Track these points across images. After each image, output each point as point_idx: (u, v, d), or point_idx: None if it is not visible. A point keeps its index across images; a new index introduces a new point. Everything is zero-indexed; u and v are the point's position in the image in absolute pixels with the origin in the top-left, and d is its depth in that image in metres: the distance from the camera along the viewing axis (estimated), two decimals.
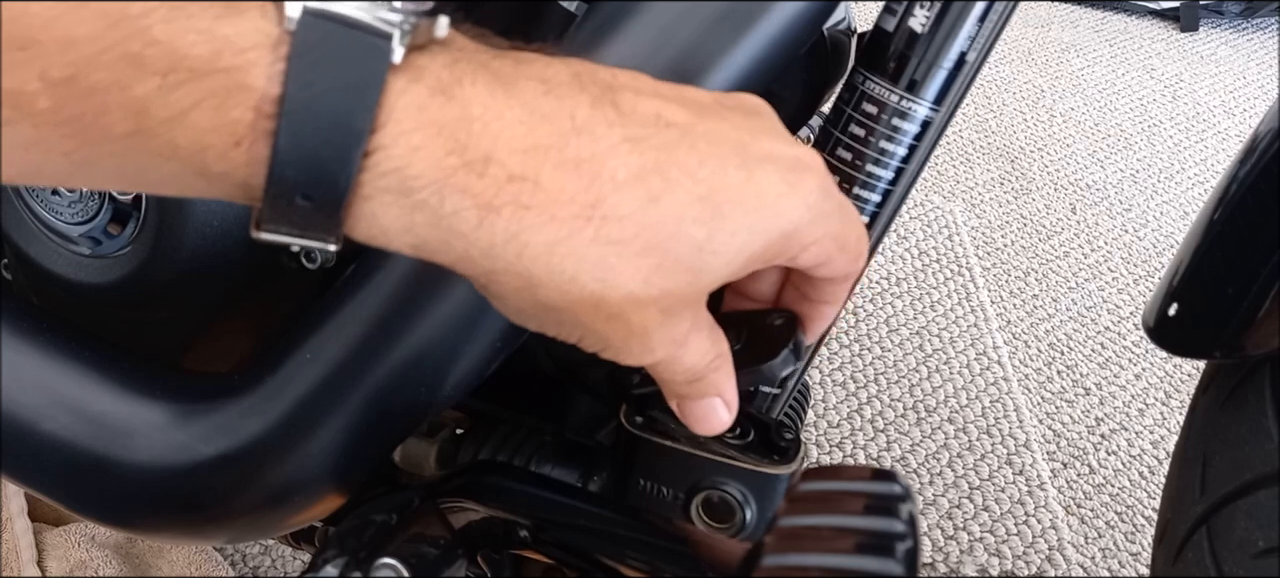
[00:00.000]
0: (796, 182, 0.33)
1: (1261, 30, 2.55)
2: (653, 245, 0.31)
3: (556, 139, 0.29)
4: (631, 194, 0.30)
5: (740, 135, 0.33)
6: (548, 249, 0.30)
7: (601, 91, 0.31)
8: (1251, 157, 0.50)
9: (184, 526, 0.46)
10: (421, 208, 0.29)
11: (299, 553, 0.99)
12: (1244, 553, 0.47)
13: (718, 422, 0.38)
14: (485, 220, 0.29)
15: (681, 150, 0.31)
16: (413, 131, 0.28)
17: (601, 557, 0.45)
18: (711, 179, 0.31)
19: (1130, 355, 1.43)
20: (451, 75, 0.29)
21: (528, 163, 0.29)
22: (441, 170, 0.28)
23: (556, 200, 0.29)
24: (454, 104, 0.28)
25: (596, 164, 0.30)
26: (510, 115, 0.29)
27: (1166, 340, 0.53)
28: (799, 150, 0.34)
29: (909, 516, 0.30)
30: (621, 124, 0.31)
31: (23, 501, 0.85)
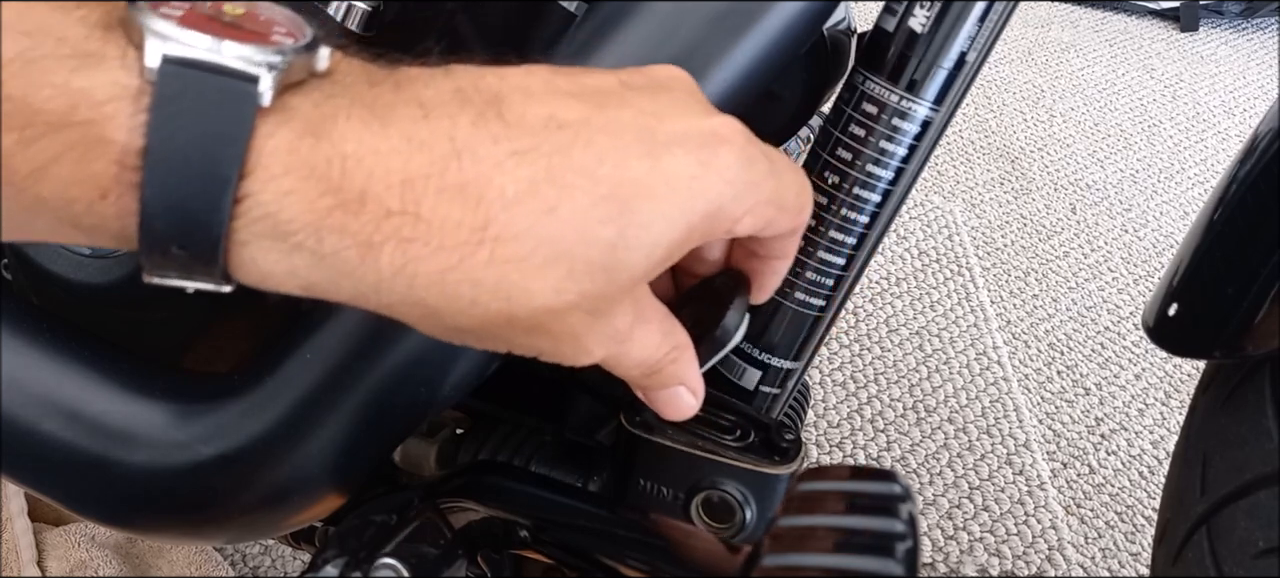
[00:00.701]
0: (710, 159, 0.32)
1: (1261, 30, 2.55)
2: (558, 255, 0.30)
3: (435, 166, 0.28)
4: (524, 209, 0.29)
5: (645, 120, 0.32)
6: (439, 278, 0.29)
7: (486, 104, 0.30)
8: (1251, 156, 0.50)
9: (184, 526, 0.46)
10: (299, 250, 0.28)
11: (299, 553, 0.99)
12: (1244, 553, 0.47)
13: (683, 409, 0.38)
14: (367, 258, 0.28)
15: (577, 151, 0.30)
16: (282, 176, 0.27)
17: (601, 557, 0.45)
18: (614, 175, 0.30)
19: (1130, 355, 1.43)
20: (323, 112, 0.28)
21: (406, 195, 0.28)
22: (315, 212, 0.27)
23: (441, 230, 0.28)
24: (325, 143, 0.27)
25: (480, 186, 0.29)
26: (384, 147, 0.28)
27: (1166, 340, 0.53)
28: (714, 122, 0.33)
29: (909, 516, 0.30)
30: (507, 137, 0.29)
31: (23, 501, 0.85)
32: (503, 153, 0.29)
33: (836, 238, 0.47)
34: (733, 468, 0.45)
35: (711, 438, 0.46)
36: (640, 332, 0.35)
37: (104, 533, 0.86)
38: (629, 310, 0.34)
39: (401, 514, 0.47)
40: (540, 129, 0.30)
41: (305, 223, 0.27)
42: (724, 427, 0.47)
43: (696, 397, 0.38)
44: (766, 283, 0.40)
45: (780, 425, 0.46)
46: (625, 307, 0.33)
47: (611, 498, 0.50)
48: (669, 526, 0.47)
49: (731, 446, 0.46)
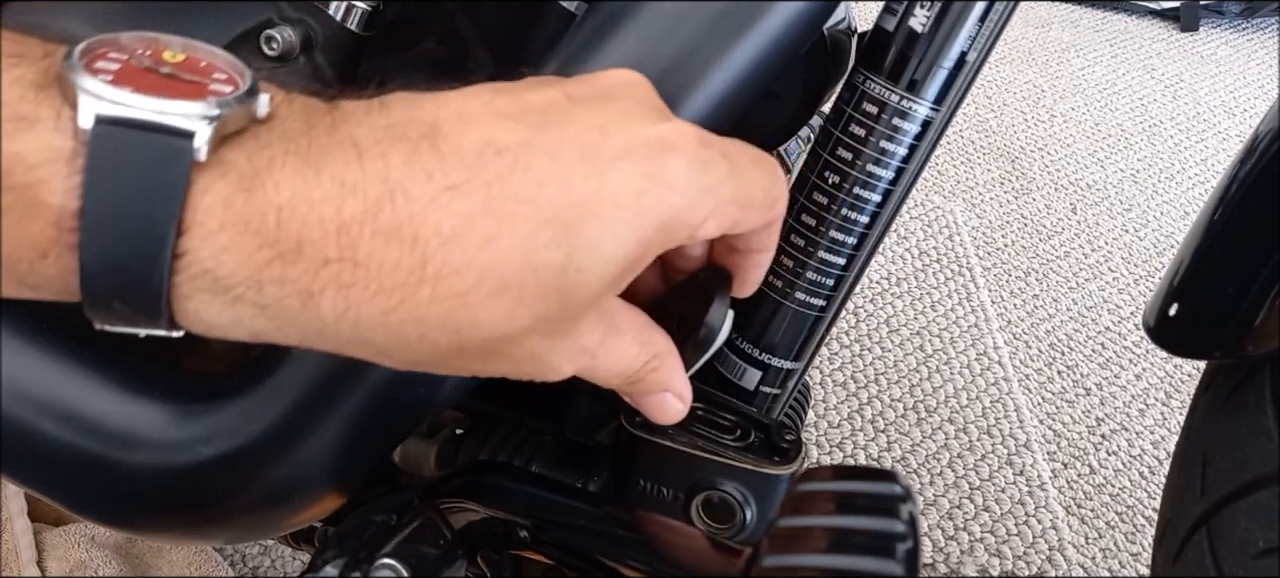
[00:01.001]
0: (659, 171, 0.31)
1: (1261, 30, 2.55)
2: (504, 284, 0.29)
3: (368, 210, 0.28)
4: (462, 244, 0.29)
5: (589, 136, 0.31)
6: (382, 319, 0.29)
7: (421, 136, 0.29)
8: (1252, 156, 0.50)
9: (184, 526, 0.46)
10: (241, 302, 0.28)
11: (299, 554, 0.99)
12: (1244, 553, 0.47)
13: (670, 414, 0.38)
14: (309, 305, 0.28)
15: (516, 178, 0.29)
16: (218, 232, 0.27)
17: (601, 557, 0.45)
18: (556, 199, 0.30)
19: (1131, 356, 1.43)
20: (257, 164, 0.28)
21: (342, 241, 0.28)
22: (253, 266, 0.27)
23: (379, 272, 0.28)
24: (259, 195, 0.27)
25: (415, 225, 0.28)
26: (317, 195, 0.28)
27: (1167, 341, 0.53)
28: (663, 129, 0.32)
29: (909, 516, 0.30)
30: (442, 171, 0.29)
31: (23, 501, 0.85)
32: (437, 188, 0.29)
33: (837, 238, 0.47)
34: (733, 468, 0.45)
35: (712, 438, 0.46)
36: (613, 344, 0.34)
37: (104, 533, 0.86)
38: (596, 326, 0.33)
39: (401, 515, 0.47)
40: (476, 158, 0.29)
41: (244, 276, 0.27)
42: (724, 427, 0.47)
43: (684, 401, 0.38)
44: (748, 277, 0.40)
45: (781, 426, 0.46)
46: (590, 323, 0.33)
47: (611, 498, 0.50)
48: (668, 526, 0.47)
49: (732, 446, 0.46)
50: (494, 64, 0.52)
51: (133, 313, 0.27)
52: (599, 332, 0.33)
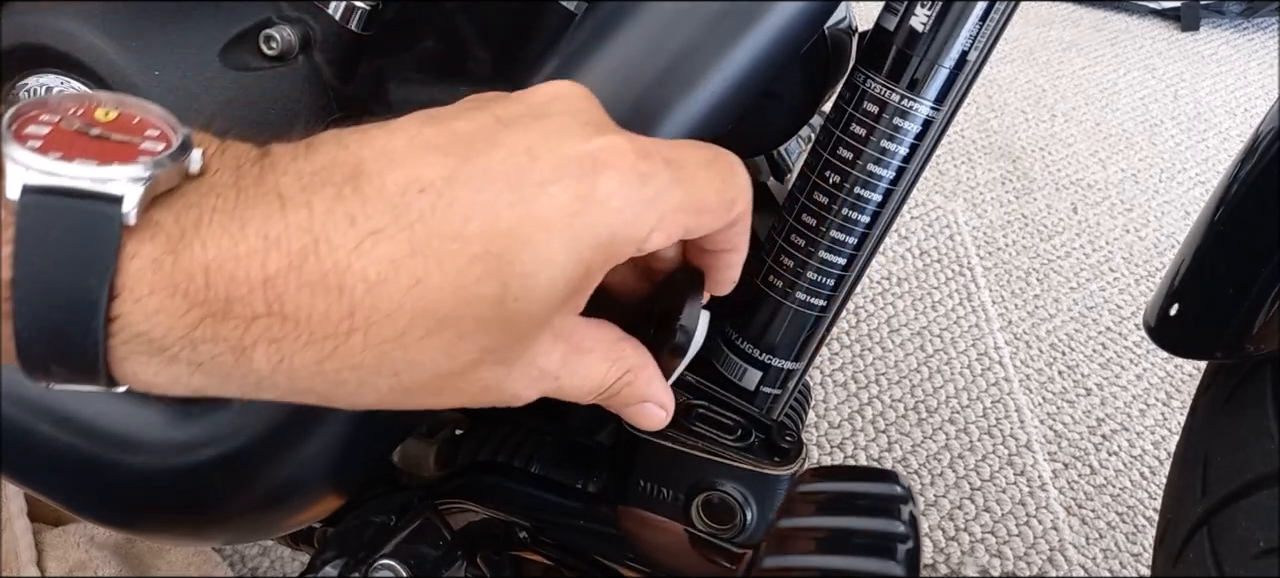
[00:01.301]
0: (590, 191, 0.30)
1: (1262, 30, 2.54)
2: (438, 323, 0.29)
3: (292, 262, 0.28)
4: (388, 289, 0.28)
5: (516, 160, 0.30)
6: (317, 368, 0.29)
7: (345, 179, 0.29)
8: (1252, 156, 0.50)
9: (183, 526, 0.46)
10: (177, 361, 0.28)
11: (298, 554, 0.99)
12: (1245, 554, 0.47)
13: (653, 422, 0.38)
14: (242, 360, 0.28)
15: (440, 215, 0.29)
16: (148, 296, 0.27)
17: (601, 558, 0.45)
18: (483, 232, 0.29)
19: (1131, 356, 1.42)
20: (185, 223, 0.27)
21: (269, 295, 0.28)
22: (185, 325, 0.27)
23: (308, 324, 0.28)
24: (186, 256, 0.27)
25: (339, 275, 0.28)
26: (242, 250, 0.27)
27: (1167, 341, 0.53)
28: (595, 145, 0.31)
29: (910, 516, 0.30)
30: (365, 215, 0.28)
31: (22, 501, 0.85)
32: (360, 234, 0.28)
33: (838, 237, 0.47)
34: (733, 469, 0.45)
35: (712, 437, 0.46)
36: (578, 364, 0.34)
37: (103, 534, 0.86)
38: (553, 348, 0.33)
39: (401, 515, 0.47)
40: (399, 198, 0.29)
41: (177, 337, 0.27)
42: (725, 426, 0.46)
43: (666, 409, 0.38)
44: (722, 277, 0.39)
45: (781, 426, 0.46)
46: (545, 346, 0.33)
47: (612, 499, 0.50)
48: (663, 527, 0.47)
49: (732, 446, 0.45)
50: (494, 64, 0.52)
51: (71, 375, 0.28)
52: (558, 353, 0.33)
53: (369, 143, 0.30)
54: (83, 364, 0.27)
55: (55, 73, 0.43)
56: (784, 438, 0.45)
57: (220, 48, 0.43)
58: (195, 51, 0.43)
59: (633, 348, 0.36)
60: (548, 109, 0.32)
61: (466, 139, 0.31)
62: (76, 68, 0.42)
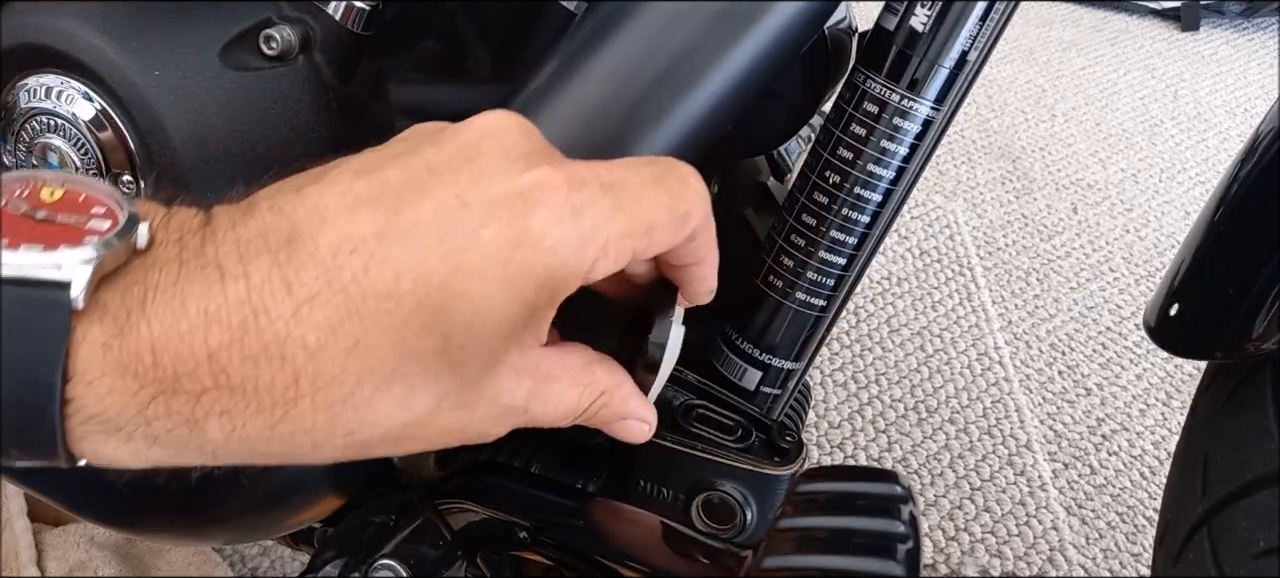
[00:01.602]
0: (522, 233, 0.30)
1: (1262, 30, 2.54)
2: (388, 380, 0.29)
3: (233, 335, 0.28)
4: (329, 354, 0.28)
5: (447, 209, 0.30)
6: (270, 433, 0.29)
7: (281, 245, 0.29)
8: (1252, 156, 0.50)
9: (183, 526, 0.46)
10: (134, 437, 0.28)
11: (298, 554, 0.99)
12: (1245, 554, 0.47)
13: (635, 436, 0.38)
14: (196, 431, 0.29)
15: (372, 275, 0.29)
16: (98, 379, 0.27)
17: (600, 558, 0.45)
18: (417, 288, 0.29)
19: (1131, 356, 1.42)
20: (130, 302, 0.28)
21: (214, 370, 0.28)
22: (137, 404, 0.28)
23: (255, 393, 0.28)
24: (132, 336, 0.27)
25: (279, 344, 0.28)
26: (185, 326, 0.28)
27: (1167, 341, 0.53)
28: (525, 181, 0.31)
29: (910, 516, 0.30)
30: (299, 282, 0.28)
31: (22, 501, 0.85)
32: (297, 302, 0.28)
33: (838, 238, 0.47)
34: (733, 469, 0.45)
35: (712, 437, 0.46)
36: (547, 394, 0.34)
37: (103, 533, 0.86)
38: (517, 385, 0.33)
39: (400, 515, 0.47)
40: (331, 261, 0.29)
41: (130, 415, 0.28)
42: (725, 427, 0.46)
43: (646, 422, 0.38)
44: (693, 289, 0.38)
45: (782, 426, 0.46)
46: (507, 384, 0.33)
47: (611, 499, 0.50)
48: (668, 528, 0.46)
49: (732, 446, 0.45)
50: (494, 64, 0.52)
51: (31, 455, 0.28)
52: (523, 388, 0.33)
53: (302, 203, 0.30)
54: (41, 447, 0.27)
55: (55, 73, 0.43)
56: (784, 438, 0.45)
57: (220, 48, 0.43)
58: (195, 51, 0.43)
59: (605, 369, 0.36)
60: (478, 148, 0.32)
61: (396, 191, 0.30)
62: (76, 68, 0.42)
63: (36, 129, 0.43)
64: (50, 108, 0.43)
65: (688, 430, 0.46)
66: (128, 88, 0.42)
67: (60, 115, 0.43)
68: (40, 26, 0.42)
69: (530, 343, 0.33)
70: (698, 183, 0.34)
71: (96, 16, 0.42)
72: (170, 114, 0.42)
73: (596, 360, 0.36)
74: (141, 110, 0.42)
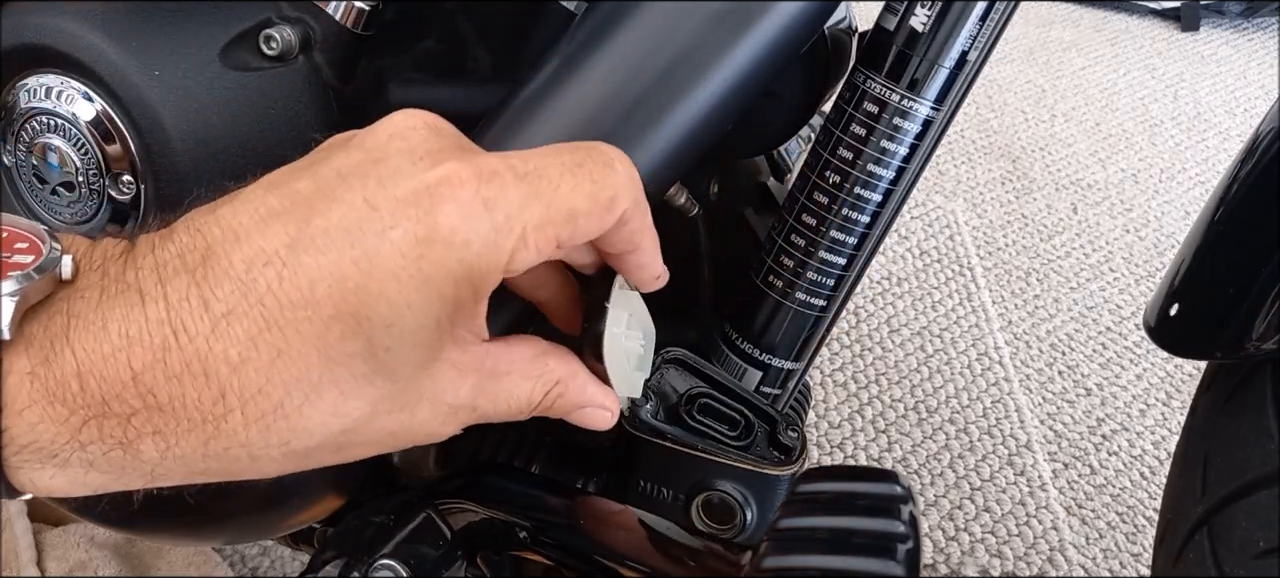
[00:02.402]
0: (431, 230, 0.30)
1: (1262, 30, 2.54)
2: (314, 387, 0.29)
3: (155, 356, 0.28)
4: (252, 367, 0.29)
5: (356, 213, 0.30)
6: (204, 449, 0.29)
7: (197, 264, 0.29)
8: (1252, 156, 0.50)
9: (183, 526, 0.46)
10: (69, 463, 0.29)
11: (298, 554, 0.99)
12: (1245, 554, 0.47)
13: (597, 423, 0.38)
14: (131, 453, 0.29)
15: (286, 284, 0.29)
16: (27, 407, 0.27)
17: (601, 558, 0.45)
18: (332, 294, 0.29)
19: (1132, 356, 1.42)
20: (53, 331, 0.28)
21: (140, 391, 0.28)
22: (69, 429, 0.28)
23: (184, 412, 0.29)
24: (57, 363, 0.28)
25: (200, 361, 0.28)
26: (107, 349, 0.28)
27: (1167, 341, 0.53)
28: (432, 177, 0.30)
29: (910, 517, 0.29)
30: (216, 298, 0.29)
31: (22, 501, 0.85)
32: (214, 318, 0.28)
33: (838, 238, 0.47)
34: (733, 469, 0.45)
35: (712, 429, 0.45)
36: (495, 389, 0.34)
37: (103, 533, 0.86)
38: (459, 382, 0.33)
39: (400, 515, 0.47)
40: (246, 275, 0.29)
41: (63, 442, 0.28)
42: (728, 418, 0.46)
43: (606, 409, 0.38)
44: (637, 277, 0.38)
45: (787, 421, 0.45)
46: (448, 383, 0.32)
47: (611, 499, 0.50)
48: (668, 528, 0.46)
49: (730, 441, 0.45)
50: (494, 64, 0.52)
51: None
52: (466, 385, 0.33)
53: (217, 222, 0.30)
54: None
55: (55, 73, 0.43)
56: (788, 432, 0.45)
57: (220, 48, 0.43)
58: (195, 51, 0.43)
59: (558, 359, 0.36)
60: (385, 150, 0.32)
61: (307, 201, 0.30)
62: (76, 68, 0.42)
63: (36, 129, 0.43)
64: (50, 108, 0.43)
65: (688, 422, 0.45)
66: (128, 88, 0.42)
67: (60, 115, 0.43)
68: (40, 26, 0.42)
69: (467, 339, 0.33)
70: (625, 166, 0.34)
71: (96, 16, 0.42)
72: (170, 114, 0.42)
73: (549, 351, 0.36)
74: (141, 110, 0.42)
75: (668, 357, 0.46)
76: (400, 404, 0.31)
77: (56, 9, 0.42)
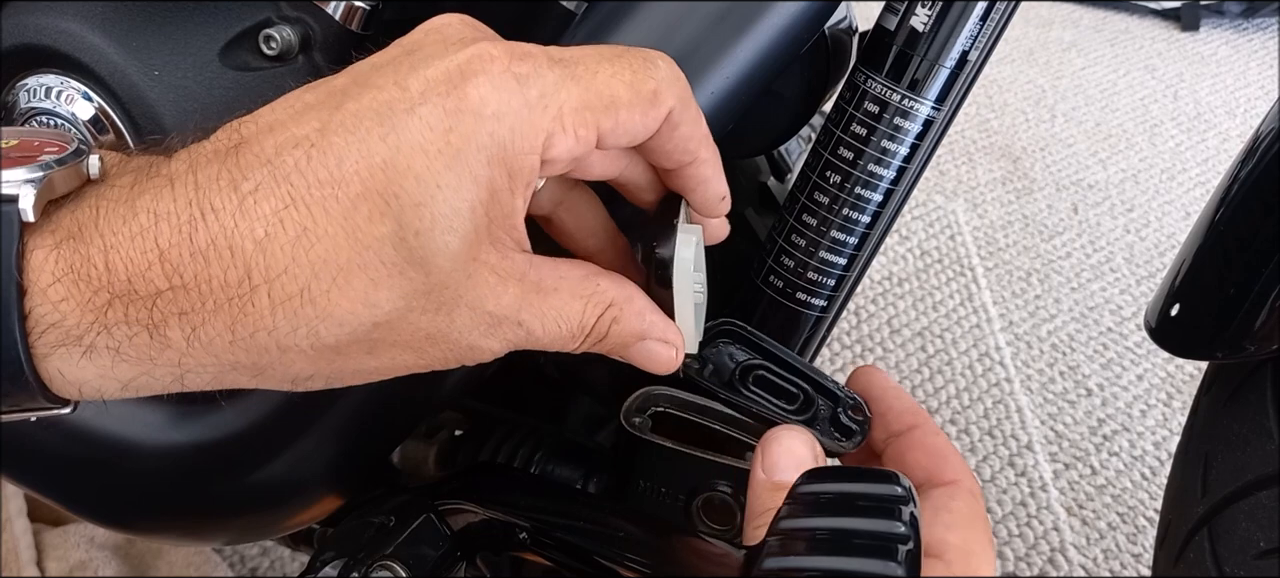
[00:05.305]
0: (460, 102, 0.29)
1: (1262, 30, 2.54)
2: (343, 271, 0.28)
3: (181, 232, 0.28)
4: (277, 243, 0.28)
5: (386, 95, 0.29)
6: (229, 335, 0.29)
7: (228, 151, 0.29)
8: (1253, 157, 0.50)
9: (182, 527, 0.46)
10: (96, 350, 0.28)
11: (298, 555, 0.99)
12: (1245, 554, 0.47)
13: (662, 360, 0.35)
14: (157, 338, 0.28)
15: (315, 163, 0.28)
16: (52, 284, 0.27)
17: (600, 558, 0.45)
18: (361, 171, 0.28)
19: (1132, 356, 1.42)
20: (82, 217, 0.28)
21: (166, 270, 0.28)
22: (94, 310, 0.28)
23: (208, 290, 0.28)
24: (84, 243, 0.28)
25: (227, 237, 0.28)
26: (134, 228, 0.28)
27: (1168, 341, 0.53)
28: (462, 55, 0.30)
29: (911, 517, 0.29)
30: (244, 178, 0.28)
31: (22, 501, 0.85)
32: (242, 195, 0.28)
33: (838, 237, 0.47)
34: (733, 469, 0.45)
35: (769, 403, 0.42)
36: (542, 306, 0.32)
37: (103, 534, 0.86)
38: (501, 289, 0.31)
39: (400, 516, 0.46)
40: (275, 156, 0.29)
41: (89, 323, 0.28)
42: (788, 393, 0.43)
43: (670, 344, 0.35)
44: (699, 195, 0.36)
45: (852, 403, 0.42)
46: (488, 287, 0.31)
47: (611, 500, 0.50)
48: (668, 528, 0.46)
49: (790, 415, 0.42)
50: None
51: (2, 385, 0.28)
52: (509, 294, 0.31)
53: (254, 119, 0.30)
54: (8, 369, 0.27)
55: (55, 73, 0.43)
56: (851, 413, 0.42)
57: (220, 48, 0.43)
58: (195, 51, 0.43)
59: (612, 281, 0.34)
60: (421, 42, 0.31)
61: (340, 90, 0.30)
62: (76, 68, 0.42)
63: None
64: (50, 108, 0.43)
65: (742, 393, 0.42)
66: (128, 88, 0.42)
67: (60, 115, 0.43)
68: (40, 26, 0.42)
69: (506, 243, 0.31)
70: (668, 64, 0.33)
71: (96, 16, 0.42)
72: (170, 114, 0.42)
73: (601, 273, 0.34)
74: (141, 110, 0.42)
75: (721, 327, 0.43)
76: (436, 302, 0.30)
77: (56, 9, 0.42)
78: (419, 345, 0.31)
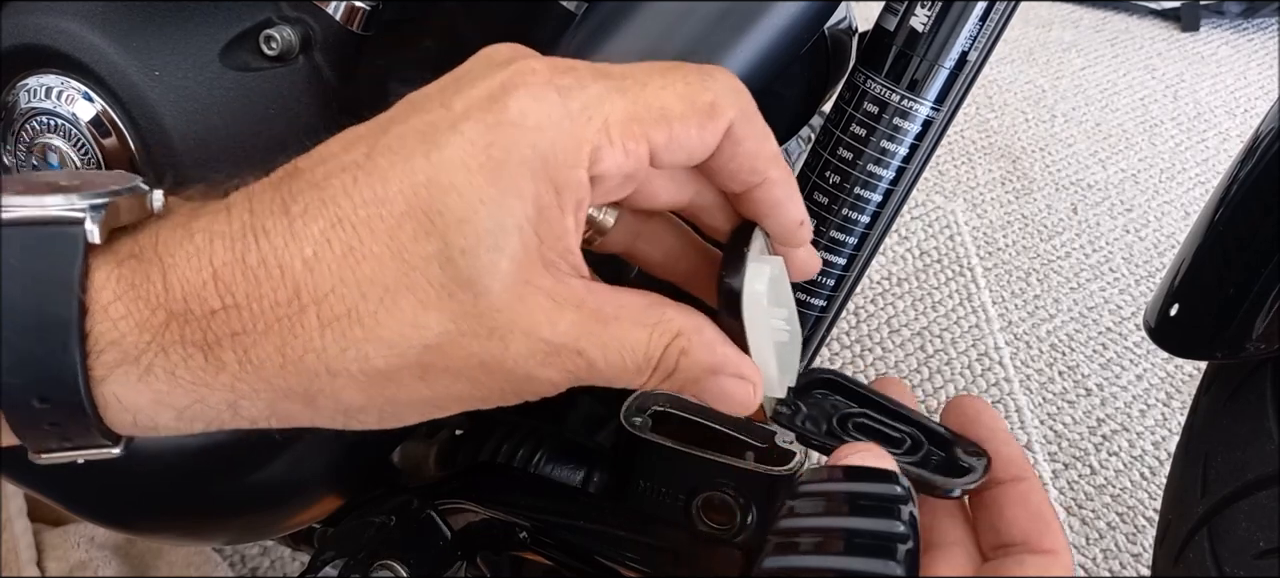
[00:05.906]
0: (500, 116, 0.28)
1: (1262, 30, 2.54)
2: (390, 290, 0.28)
3: (234, 254, 0.28)
4: (325, 262, 0.28)
5: (430, 116, 0.29)
6: (279, 357, 0.29)
7: (282, 179, 0.30)
8: (1252, 157, 0.50)
9: (183, 527, 0.46)
10: (153, 372, 0.28)
11: (298, 554, 0.99)
12: (1245, 554, 0.47)
13: (738, 399, 0.32)
14: (212, 359, 0.29)
15: (361, 183, 0.29)
16: (113, 302, 0.28)
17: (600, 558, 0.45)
18: (404, 190, 0.28)
19: (1132, 356, 1.42)
20: (142, 241, 0.29)
21: (220, 289, 0.28)
22: (152, 329, 0.28)
23: (259, 310, 0.28)
24: (144, 263, 0.28)
25: (277, 256, 0.28)
26: (190, 249, 0.28)
27: (1168, 341, 0.53)
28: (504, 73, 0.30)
29: (910, 516, 0.29)
30: (294, 199, 0.29)
31: (22, 501, 0.84)
32: (292, 217, 0.29)
33: (838, 237, 0.47)
34: (733, 470, 0.45)
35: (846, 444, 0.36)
36: (603, 335, 0.30)
37: (103, 534, 0.86)
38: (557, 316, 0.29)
39: (400, 516, 0.46)
40: (324, 180, 0.29)
41: (147, 342, 0.28)
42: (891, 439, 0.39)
43: (746, 379, 0.32)
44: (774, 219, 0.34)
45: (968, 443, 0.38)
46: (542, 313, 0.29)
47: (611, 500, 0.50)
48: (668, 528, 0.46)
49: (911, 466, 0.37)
50: None
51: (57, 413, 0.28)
52: (566, 321, 0.29)
53: (309, 154, 0.31)
54: (64, 391, 0.28)
55: (55, 73, 0.43)
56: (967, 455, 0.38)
57: (220, 48, 0.43)
58: (195, 51, 0.43)
59: (678, 310, 0.32)
60: (470, 67, 0.31)
61: (389, 117, 0.31)
62: (76, 68, 0.42)
63: (36, 129, 0.43)
64: (50, 108, 0.43)
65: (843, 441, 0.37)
66: (128, 88, 0.42)
67: (60, 115, 0.43)
68: (40, 26, 0.42)
69: (560, 266, 0.30)
70: (727, 77, 0.32)
71: (96, 16, 0.42)
72: (170, 114, 0.42)
73: (666, 302, 0.32)
74: (142, 110, 0.42)
75: (819, 376, 0.40)
76: (488, 327, 0.29)
77: (56, 9, 0.42)
78: (473, 375, 0.30)
